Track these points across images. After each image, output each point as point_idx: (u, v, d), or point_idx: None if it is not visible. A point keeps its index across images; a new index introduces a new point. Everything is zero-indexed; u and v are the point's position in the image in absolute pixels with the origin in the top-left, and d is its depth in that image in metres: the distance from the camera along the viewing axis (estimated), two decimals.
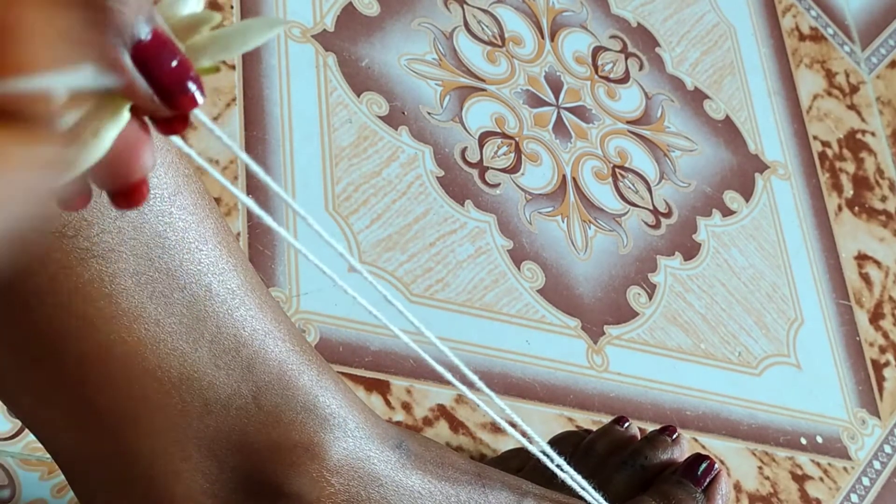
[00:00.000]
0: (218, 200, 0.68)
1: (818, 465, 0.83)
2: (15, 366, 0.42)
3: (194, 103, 0.30)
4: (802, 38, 1.10)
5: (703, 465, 0.63)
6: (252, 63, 0.78)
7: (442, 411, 0.71)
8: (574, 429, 0.74)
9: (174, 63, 0.30)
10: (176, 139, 0.33)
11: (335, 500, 0.48)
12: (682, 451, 0.66)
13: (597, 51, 0.96)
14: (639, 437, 0.67)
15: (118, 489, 0.47)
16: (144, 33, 0.29)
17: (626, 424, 0.67)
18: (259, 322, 0.47)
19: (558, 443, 0.68)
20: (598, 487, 0.60)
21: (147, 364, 0.44)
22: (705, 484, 0.63)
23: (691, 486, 0.63)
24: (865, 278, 0.97)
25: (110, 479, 0.46)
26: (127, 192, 0.31)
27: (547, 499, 0.57)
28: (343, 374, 0.69)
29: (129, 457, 0.46)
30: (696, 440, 0.79)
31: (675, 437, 0.66)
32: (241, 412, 0.46)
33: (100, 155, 0.30)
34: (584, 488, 0.54)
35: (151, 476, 0.46)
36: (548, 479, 0.64)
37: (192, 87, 0.30)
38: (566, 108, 0.90)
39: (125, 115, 0.30)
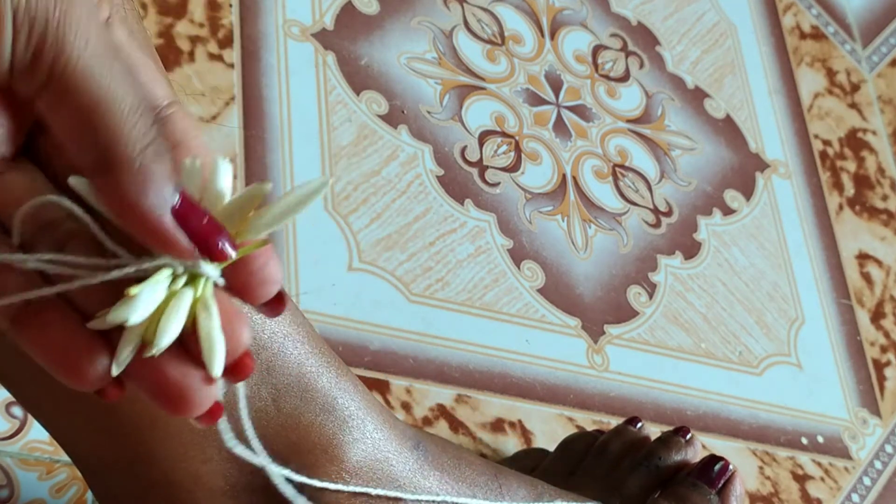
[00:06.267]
0: None
1: (819, 464, 0.83)
2: (36, 372, 0.42)
3: (225, 256, 0.32)
4: (803, 36, 1.09)
5: (718, 467, 0.64)
6: (251, 62, 0.78)
7: (441, 411, 0.71)
8: (576, 429, 0.74)
9: (204, 221, 0.32)
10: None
11: (353, 501, 0.48)
12: (696, 451, 0.66)
13: (597, 49, 0.96)
14: (651, 438, 0.67)
15: (139, 493, 0.46)
16: (175, 199, 0.32)
17: (639, 425, 0.68)
18: (278, 324, 0.47)
19: (571, 443, 0.68)
20: (612, 488, 0.60)
21: None
22: (720, 486, 0.63)
23: (706, 489, 0.63)
24: (866, 277, 0.96)
25: (131, 483, 0.46)
26: (231, 367, 0.33)
27: (562, 499, 0.57)
28: None
29: (150, 460, 0.46)
30: None
31: (688, 437, 0.66)
32: (260, 414, 0.46)
33: (175, 334, 0.32)
34: None
35: (172, 480, 0.46)
36: (563, 479, 0.64)
37: (222, 242, 0.33)
38: (566, 107, 0.90)
39: (209, 299, 0.33)
